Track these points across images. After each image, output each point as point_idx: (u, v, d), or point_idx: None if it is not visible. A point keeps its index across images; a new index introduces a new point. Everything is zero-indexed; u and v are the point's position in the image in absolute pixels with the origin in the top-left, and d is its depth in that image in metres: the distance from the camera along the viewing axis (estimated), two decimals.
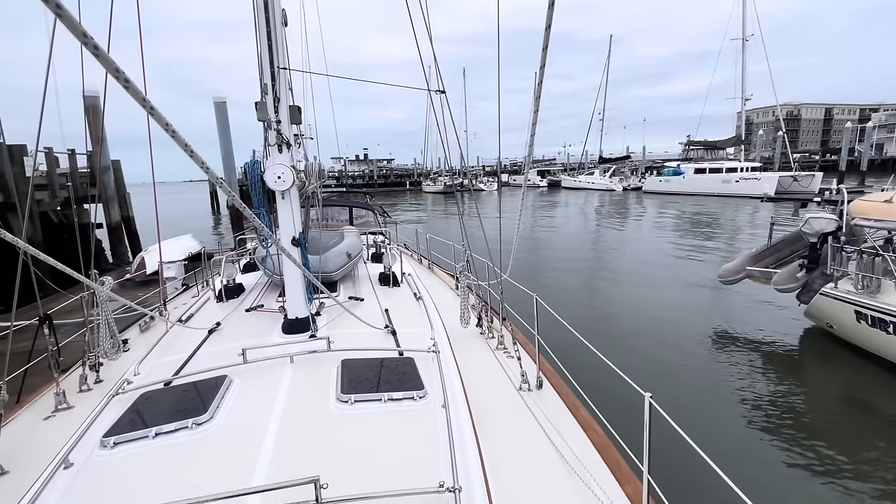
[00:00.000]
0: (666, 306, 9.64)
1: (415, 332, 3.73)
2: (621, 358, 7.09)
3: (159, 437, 2.22)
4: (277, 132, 3.28)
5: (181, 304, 5.37)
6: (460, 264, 4.82)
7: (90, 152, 12.55)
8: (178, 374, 2.99)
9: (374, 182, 63.93)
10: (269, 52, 3.21)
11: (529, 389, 3.40)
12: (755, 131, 62.13)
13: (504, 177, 70.22)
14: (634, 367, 6.69)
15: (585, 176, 56.21)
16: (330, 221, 8.61)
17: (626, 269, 13.81)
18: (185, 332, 3.97)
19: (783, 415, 5.62)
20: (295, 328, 3.51)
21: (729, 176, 37.89)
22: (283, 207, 3.42)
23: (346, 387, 2.62)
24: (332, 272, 4.77)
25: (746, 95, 39.97)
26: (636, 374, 2.14)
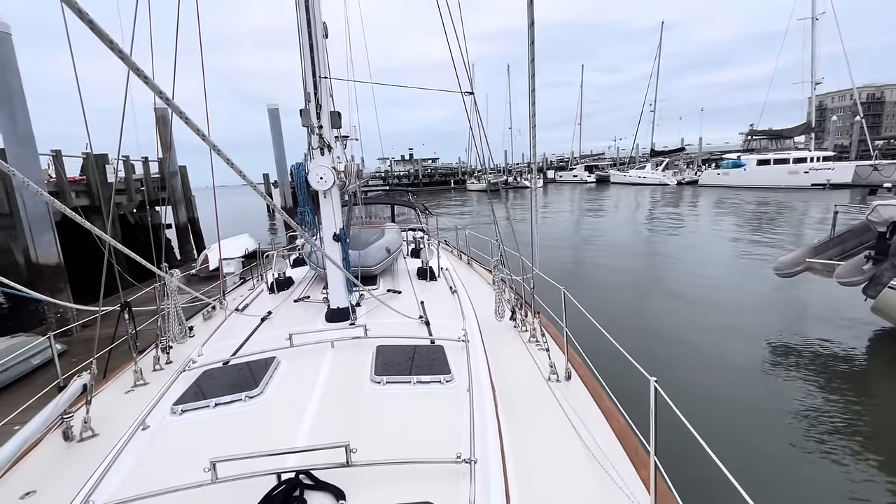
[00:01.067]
0: (718, 303, 9.21)
1: (447, 323, 3.90)
2: (667, 355, 6.92)
3: (218, 407, 2.54)
4: (319, 136, 3.56)
5: (238, 296, 5.87)
6: (494, 259, 4.95)
7: (160, 159, 13.87)
8: (234, 355, 3.34)
9: (419, 181, 64.81)
10: (312, 62, 3.48)
11: (558, 380, 3.47)
12: (828, 117, 56.90)
13: (550, 173, 68.99)
14: (682, 365, 6.51)
15: (636, 170, 53.98)
16: (373, 219, 8.98)
17: (676, 264, 13.28)
18: (242, 320, 4.39)
19: (843, 426, 5.23)
20: (336, 317, 3.80)
21: (797, 167, 35.05)
22: (325, 206, 3.70)
23: (379, 369, 2.84)
24: (372, 266, 5.04)
25: (817, 79, 36.76)
26: (685, 372, 2.18)
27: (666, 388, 1.82)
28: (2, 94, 6.94)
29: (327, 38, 3.72)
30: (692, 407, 2.01)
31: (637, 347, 3.22)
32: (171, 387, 2.97)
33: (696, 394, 5.73)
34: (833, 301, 8.36)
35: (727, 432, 5.01)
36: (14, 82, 7.09)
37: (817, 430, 5.12)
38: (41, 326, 7.66)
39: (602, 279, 11.98)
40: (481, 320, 4.45)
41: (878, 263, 6.45)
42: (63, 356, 6.83)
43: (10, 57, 7.08)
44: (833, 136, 47.99)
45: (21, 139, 7.24)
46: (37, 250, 7.52)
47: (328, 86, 3.68)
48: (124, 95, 3.36)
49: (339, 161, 3.72)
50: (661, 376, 1.84)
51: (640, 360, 2.39)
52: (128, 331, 3.83)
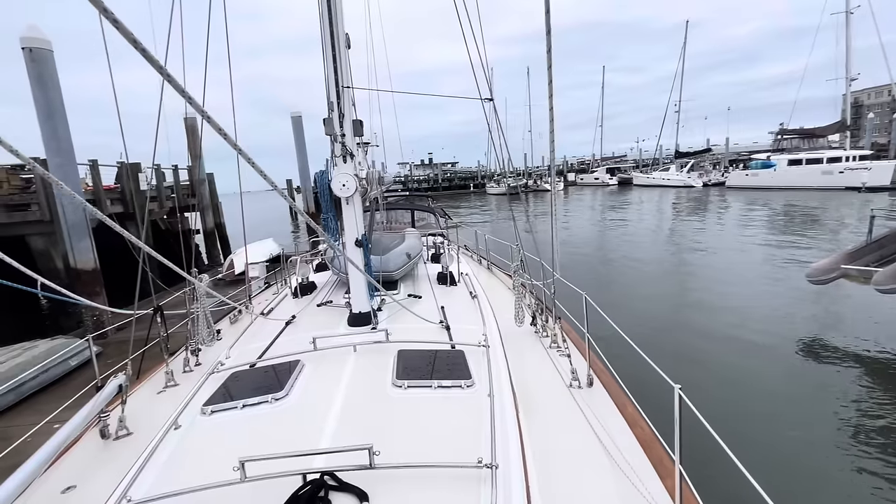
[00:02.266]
0: (748, 309, 8.93)
1: (468, 328, 3.92)
2: (693, 363, 6.75)
3: (246, 408, 2.62)
4: (342, 144, 3.64)
5: (263, 300, 6.01)
6: (514, 264, 4.94)
7: (190, 167, 14.37)
8: (260, 358, 3.43)
9: (438, 185, 65.11)
10: (335, 72, 3.57)
11: (580, 387, 3.44)
12: (864, 115, 54.58)
13: (571, 175, 68.25)
14: (709, 373, 6.34)
15: (660, 172, 52.86)
16: (393, 224, 9.09)
17: (703, 269, 12.94)
18: (267, 324, 4.50)
19: (878, 440, 5.01)
20: (358, 321, 3.86)
21: (831, 167, 33.65)
22: (348, 212, 3.78)
23: (400, 373, 2.87)
24: (393, 271, 5.10)
25: (852, 75, 35.34)
26: (712, 380, 2.14)
27: (692, 395, 1.79)
28: (44, 110, 7.37)
29: (350, 49, 3.81)
30: (719, 416, 1.96)
31: (661, 354, 3.14)
32: (201, 388, 3.08)
33: (724, 403, 5.57)
34: (869, 309, 8.00)
35: (756, 441, 4.86)
36: (56, 98, 7.50)
37: (851, 443, 4.90)
38: (78, 329, 8.02)
39: (625, 284, 11.79)
40: (501, 326, 4.45)
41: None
42: (99, 358, 7.11)
43: (52, 74, 7.49)
44: (870, 134, 46.00)
45: (62, 151, 7.64)
46: (75, 256, 7.91)
47: (350, 95, 3.77)
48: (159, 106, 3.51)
49: (360, 168, 3.79)
50: (687, 384, 1.81)
51: (665, 367, 2.35)
52: (160, 334, 3.99)
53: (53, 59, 7.51)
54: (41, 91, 7.33)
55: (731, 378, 6.26)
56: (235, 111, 4.34)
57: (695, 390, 2.01)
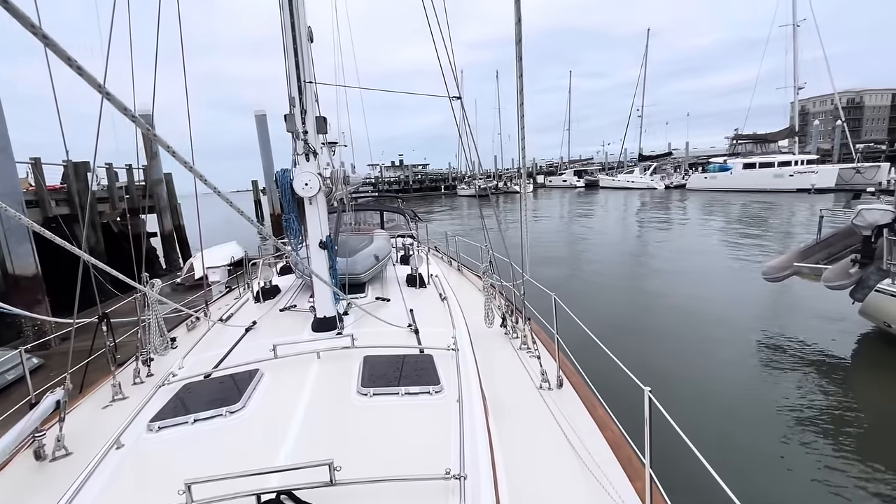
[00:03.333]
0: (707, 307, 9.26)
1: (437, 331, 3.83)
2: (659, 360, 6.93)
3: (197, 423, 2.43)
4: (304, 142, 3.49)
5: (224, 305, 5.73)
6: (483, 265, 4.90)
7: (145, 167, 13.64)
8: (216, 367, 3.23)
9: (409, 187, 64.82)
10: (296, 66, 3.42)
11: (549, 388, 3.42)
12: (810, 122, 58.13)
13: (540, 178, 69.43)
14: (668, 370, 6.49)
15: (625, 175, 54.56)
16: (362, 225, 8.91)
17: (666, 267, 13.36)
18: (226, 331, 4.27)
19: (830, 429, 5.26)
20: (323, 326, 3.70)
21: (782, 170, 35.68)
22: (311, 213, 3.62)
23: (366, 381, 2.75)
24: (361, 274, 4.96)
25: (799, 84, 37.57)
26: (671, 379, 2.14)
27: (659, 393, 1.77)
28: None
29: (312, 43, 3.66)
30: (685, 410, 1.95)
31: (629, 352, 3.16)
32: (150, 402, 2.86)
33: (689, 397, 5.71)
34: (822, 304, 8.44)
35: (721, 436, 4.99)
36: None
37: (810, 432, 5.12)
38: (18, 339, 7.43)
39: (593, 283, 12.00)
40: (472, 327, 4.39)
41: (865, 267, 6.53)
42: (40, 371, 6.61)
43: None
44: (815, 140, 49.02)
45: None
46: (13, 261, 7.30)
47: (313, 91, 3.62)
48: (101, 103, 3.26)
49: (325, 167, 3.65)
50: (654, 381, 1.79)
51: (632, 367, 2.35)
52: (106, 343, 3.71)
53: None
54: None
55: (694, 374, 6.44)
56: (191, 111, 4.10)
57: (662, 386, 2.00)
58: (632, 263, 14.83)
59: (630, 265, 14.58)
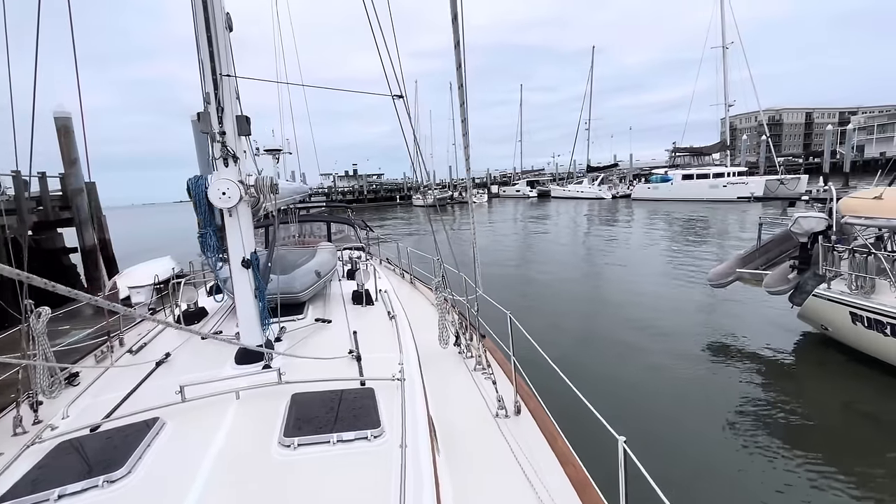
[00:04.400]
0: (655, 312, 9.40)
1: (382, 356, 3.42)
2: (607, 367, 6.85)
3: (63, 500, 1.89)
4: (222, 144, 3.01)
5: (146, 331, 5.02)
6: (435, 279, 4.56)
7: (62, 175, 12.24)
8: (108, 417, 2.65)
9: (364, 197, 63.71)
10: (211, 57, 2.95)
11: (506, 416, 3.12)
12: (739, 136, 63.01)
13: (494, 188, 70.48)
14: (620, 375, 6.42)
15: (574, 185, 56.46)
16: (307, 238, 8.32)
17: (615, 275, 13.63)
18: (136, 364, 3.64)
19: (778, 425, 5.36)
20: (247, 358, 3.20)
21: (716, 181, 38.19)
22: (232, 226, 3.13)
23: (291, 428, 2.31)
24: (299, 292, 4.47)
25: (729, 101, 40.55)
26: (622, 383, 1.87)
27: (614, 397, 1.50)
28: None
29: (231, 31, 3.20)
30: (635, 426, 1.68)
31: (582, 363, 2.99)
32: (11, 467, 2.25)
33: (641, 409, 5.62)
34: (764, 308, 8.78)
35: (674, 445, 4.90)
36: None
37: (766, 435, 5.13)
38: None
39: (549, 293, 11.94)
40: (425, 347, 4.04)
41: (802, 272, 6.79)
42: None
43: None
44: (744, 154, 53.07)
45: None
46: None
47: (233, 86, 3.15)
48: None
49: (248, 175, 3.17)
50: (609, 390, 1.51)
51: (583, 377, 2.09)
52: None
53: None
54: None
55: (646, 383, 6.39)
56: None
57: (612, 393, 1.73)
58: (584, 269, 15.05)
59: (582, 271, 14.78)
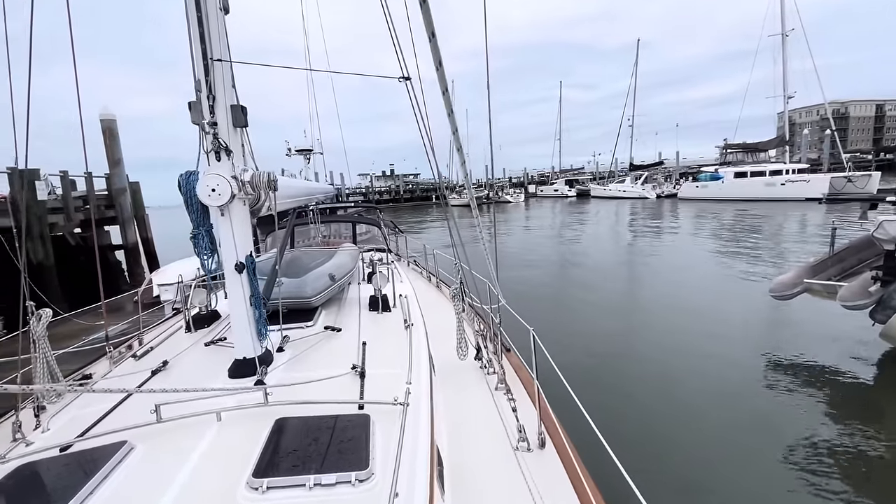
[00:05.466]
0: (704, 328, 8.53)
1: (390, 372, 3.04)
2: (647, 392, 6.16)
3: None
4: (214, 136, 2.73)
5: (162, 333, 4.90)
6: (454, 286, 4.15)
7: (107, 175, 12.76)
8: (83, 435, 2.41)
9: (400, 197, 64.11)
10: (201, 39, 2.67)
11: (528, 449, 2.68)
12: (798, 132, 58.56)
13: (531, 187, 69.22)
14: (660, 404, 5.73)
15: (616, 184, 54.40)
16: (332, 239, 8.12)
17: (660, 284, 12.66)
18: (136, 371, 3.45)
19: (852, 467, 4.54)
20: (241, 371, 2.90)
21: (773, 179, 35.53)
22: (224, 227, 2.84)
23: (265, 464, 1.96)
24: (310, 297, 4.17)
25: (789, 93, 37.61)
26: (662, 413, 1.40)
27: (654, 432, 1.03)
28: None
29: (227, 14, 2.92)
30: (677, 470, 1.20)
31: (617, 387, 2.51)
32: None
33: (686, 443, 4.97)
34: (835, 323, 7.74)
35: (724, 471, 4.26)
36: None
37: (831, 473, 4.37)
38: None
39: (584, 302, 11.10)
40: (443, 359, 3.64)
41: (887, 285, 5.84)
42: None
43: None
44: (804, 150, 49.24)
45: None
46: None
47: (227, 72, 2.87)
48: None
49: (242, 170, 2.88)
50: (652, 418, 1.05)
51: (617, 405, 1.61)
52: None
53: None
54: None
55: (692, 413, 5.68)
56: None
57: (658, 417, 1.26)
58: (624, 276, 14.16)
59: (622, 278, 13.89)
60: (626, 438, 3.55)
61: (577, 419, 2.73)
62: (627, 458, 2.09)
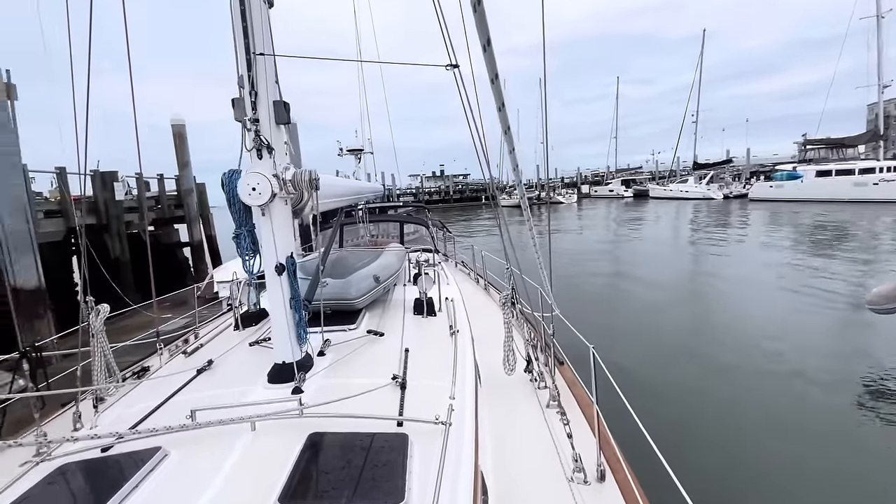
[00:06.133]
0: (785, 346, 7.62)
1: (432, 384, 2.83)
2: (718, 418, 5.53)
3: None
4: (256, 133, 2.65)
5: (215, 328, 5.02)
6: (504, 293, 3.86)
7: (177, 176, 13.66)
8: (121, 437, 2.39)
9: (450, 197, 64.31)
10: (245, 34, 2.60)
11: (585, 482, 2.37)
12: (894, 125, 52.19)
13: (585, 188, 66.99)
14: (733, 432, 5.10)
15: (677, 184, 51.22)
16: (379, 239, 8.08)
17: (729, 295, 11.58)
18: (187, 366, 3.48)
19: None
20: (279, 376, 2.81)
21: (864, 178, 31.79)
22: (264, 227, 2.76)
23: (293, 487, 1.80)
24: (354, 299, 4.06)
25: (884, 82, 33.55)
26: (746, 445, 1.07)
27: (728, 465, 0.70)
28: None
29: (272, 8, 2.84)
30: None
31: (685, 413, 2.11)
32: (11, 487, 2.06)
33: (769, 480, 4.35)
34: None
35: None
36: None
37: None
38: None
39: (644, 316, 10.13)
40: (490, 370, 3.39)
41: None
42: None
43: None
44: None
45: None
46: (14, 273, 6.98)
47: (270, 67, 2.78)
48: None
49: (284, 168, 2.78)
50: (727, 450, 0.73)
51: (686, 431, 1.28)
52: (28, 386, 3.02)
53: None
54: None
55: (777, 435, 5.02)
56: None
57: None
58: (688, 287, 13.10)
59: (686, 288, 12.85)
60: (700, 470, 3.10)
61: (639, 445, 2.38)
62: (702, 495, 1.76)
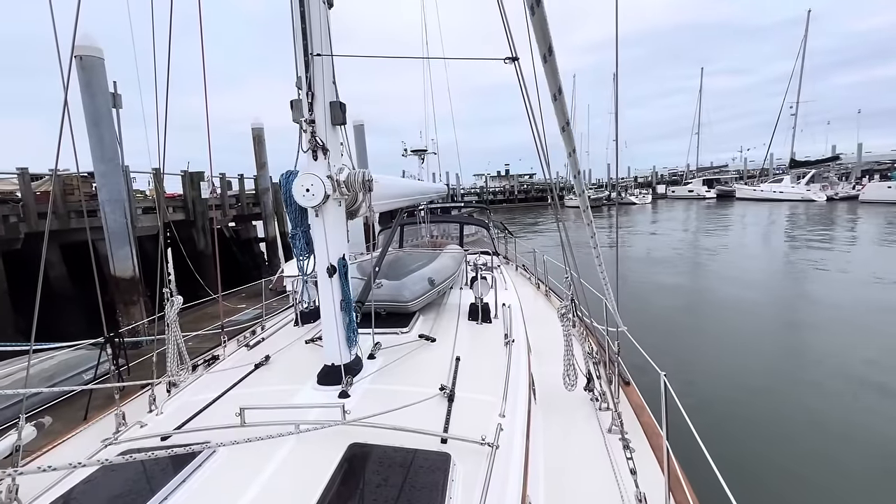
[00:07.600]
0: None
1: (482, 399, 2.66)
2: (812, 464, 4.77)
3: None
4: (311, 134, 2.64)
5: (278, 323, 5.23)
6: (564, 303, 3.59)
7: (255, 176, 14.69)
8: (182, 427, 2.49)
9: (514, 197, 63.33)
10: (304, 35, 2.60)
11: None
12: None
13: (661, 188, 62.85)
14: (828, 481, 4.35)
15: (770, 184, 46.25)
16: (439, 240, 8.02)
17: (831, 319, 10.12)
18: (248, 359, 3.61)
19: None
20: (329, 378, 2.79)
21: None
22: (317, 228, 2.75)
23: (327, 501, 1.73)
24: (408, 302, 3.99)
25: None
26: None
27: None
28: (92, 117, 7.42)
29: (331, 8, 2.82)
30: None
31: (769, 455, 1.71)
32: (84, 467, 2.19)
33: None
34: None
35: None
36: (102, 106, 7.57)
37: None
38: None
39: (725, 339, 8.90)
40: (546, 385, 3.17)
41: None
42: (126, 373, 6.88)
43: (101, 81, 7.60)
44: None
45: (106, 159, 7.70)
46: (114, 263, 7.87)
47: (327, 68, 2.76)
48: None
49: (338, 169, 2.75)
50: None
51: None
52: (110, 367, 3.28)
53: (104, 66, 7.62)
54: (89, 98, 7.44)
55: None
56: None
57: None
58: (779, 305, 11.66)
59: (776, 306, 11.43)
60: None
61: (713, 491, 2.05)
62: None
